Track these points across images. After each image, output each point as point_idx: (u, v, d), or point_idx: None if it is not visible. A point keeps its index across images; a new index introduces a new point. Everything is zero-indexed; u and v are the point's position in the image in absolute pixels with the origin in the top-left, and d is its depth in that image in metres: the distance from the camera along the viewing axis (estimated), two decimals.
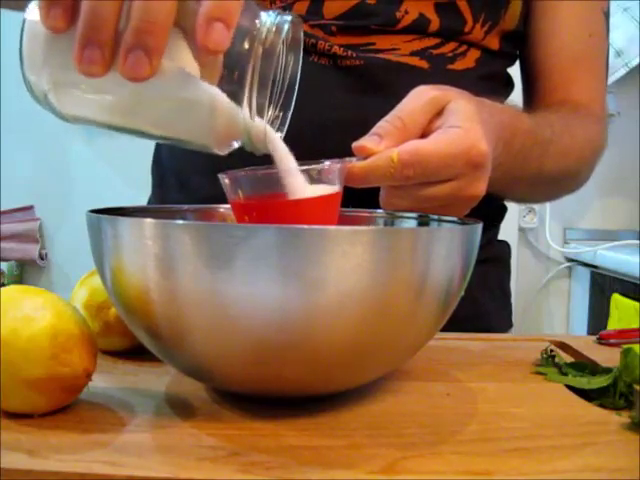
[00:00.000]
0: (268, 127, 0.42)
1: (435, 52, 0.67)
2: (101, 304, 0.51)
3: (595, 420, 0.42)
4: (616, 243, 1.86)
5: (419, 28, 0.66)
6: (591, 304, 1.92)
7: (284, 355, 0.38)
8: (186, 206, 0.56)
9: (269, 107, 0.44)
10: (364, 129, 0.49)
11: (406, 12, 0.66)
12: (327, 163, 0.45)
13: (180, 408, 0.43)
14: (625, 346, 0.48)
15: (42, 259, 2.02)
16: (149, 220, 0.38)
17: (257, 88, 0.40)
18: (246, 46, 0.40)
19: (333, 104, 0.64)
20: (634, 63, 1.82)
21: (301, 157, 0.45)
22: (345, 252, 0.36)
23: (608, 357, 0.53)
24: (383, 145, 0.47)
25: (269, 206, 0.44)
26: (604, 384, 0.46)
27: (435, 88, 0.51)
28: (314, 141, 0.45)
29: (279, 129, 0.45)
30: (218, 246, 0.36)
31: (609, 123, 0.78)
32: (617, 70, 1.83)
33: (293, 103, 0.46)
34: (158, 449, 0.36)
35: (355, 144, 0.48)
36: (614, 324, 1.58)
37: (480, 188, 0.50)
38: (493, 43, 0.70)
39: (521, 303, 1.97)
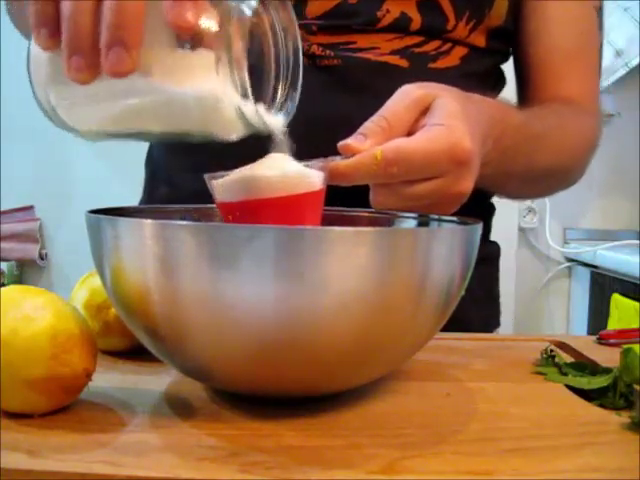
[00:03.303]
0: (257, 106, 0.42)
1: (416, 51, 0.68)
2: (101, 304, 0.51)
3: (595, 420, 0.42)
4: (616, 243, 1.86)
5: (400, 27, 0.67)
6: (591, 304, 1.92)
7: (285, 355, 0.38)
8: (185, 206, 0.56)
9: (277, 88, 0.44)
10: (344, 129, 0.49)
11: (387, 11, 0.66)
12: (310, 162, 0.45)
13: (180, 408, 0.43)
14: (625, 346, 0.48)
15: (42, 259, 2.02)
16: (151, 221, 0.38)
17: (235, 61, 0.40)
18: (219, 19, 0.40)
19: (312, 104, 0.64)
20: (634, 63, 1.82)
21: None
22: (346, 253, 0.36)
23: (608, 357, 0.53)
24: (368, 144, 0.47)
25: (250, 205, 0.44)
26: (604, 384, 0.46)
27: (421, 87, 0.51)
28: (294, 141, 0.45)
29: (289, 108, 0.45)
30: (220, 247, 0.36)
31: (609, 123, 0.79)
32: (617, 70, 1.83)
33: (300, 80, 0.45)
34: (158, 449, 0.36)
35: (340, 143, 0.48)
36: (614, 324, 1.58)
37: (466, 186, 0.50)
38: (479, 40, 0.70)
39: (521, 303, 1.97)
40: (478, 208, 0.74)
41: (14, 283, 1.89)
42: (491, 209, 0.80)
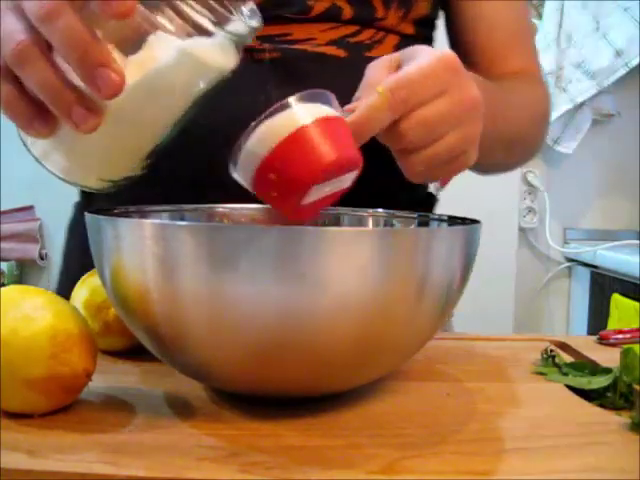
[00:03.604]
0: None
1: (352, 40, 0.68)
2: (101, 304, 0.51)
3: (595, 420, 0.42)
4: (616, 243, 1.85)
5: (333, 16, 0.67)
6: (591, 304, 1.92)
7: (285, 356, 0.38)
8: (185, 206, 0.56)
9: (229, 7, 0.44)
10: None
11: (316, 1, 0.66)
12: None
13: (180, 408, 0.43)
14: (625, 346, 0.48)
15: (42, 259, 2.02)
16: (151, 221, 0.38)
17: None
18: None
19: (252, 99, 0.64)
20: (634, 63, 1.82)
21: (224, 154, 0.44)
22: (346, 253, 0.36)
23: (608, 357, 0.53)
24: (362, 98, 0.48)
25: (279, 150, 0.43)
26: (604, 384, 0.46)
27: (387, 55, 0.53)
28: (236, 138, 0.45)
29: (252, 15, 0.44)
30: (220, 247, 0.36)
31: (609, 123, 0.79)
32: (617, 70, 1.83)
33: None
34: (158, 449, 0.36)
35: (345, 107, 0.48)
36: (614, 324, 1.58)
37: (474, 92, 0.50)
38: (408, 29, 0.71)
39: (521, 303, 1.97)
40: (416, 196, 0.75)
41: (14, 283, 1.89)
42: (433, 199, 0.80)
